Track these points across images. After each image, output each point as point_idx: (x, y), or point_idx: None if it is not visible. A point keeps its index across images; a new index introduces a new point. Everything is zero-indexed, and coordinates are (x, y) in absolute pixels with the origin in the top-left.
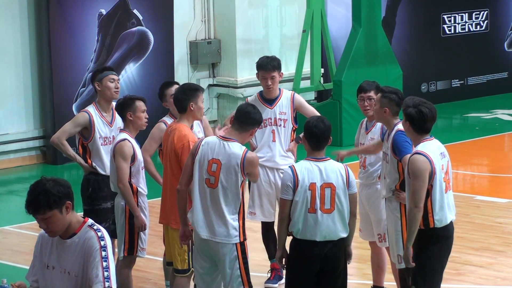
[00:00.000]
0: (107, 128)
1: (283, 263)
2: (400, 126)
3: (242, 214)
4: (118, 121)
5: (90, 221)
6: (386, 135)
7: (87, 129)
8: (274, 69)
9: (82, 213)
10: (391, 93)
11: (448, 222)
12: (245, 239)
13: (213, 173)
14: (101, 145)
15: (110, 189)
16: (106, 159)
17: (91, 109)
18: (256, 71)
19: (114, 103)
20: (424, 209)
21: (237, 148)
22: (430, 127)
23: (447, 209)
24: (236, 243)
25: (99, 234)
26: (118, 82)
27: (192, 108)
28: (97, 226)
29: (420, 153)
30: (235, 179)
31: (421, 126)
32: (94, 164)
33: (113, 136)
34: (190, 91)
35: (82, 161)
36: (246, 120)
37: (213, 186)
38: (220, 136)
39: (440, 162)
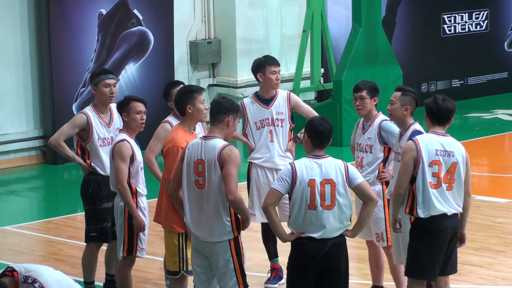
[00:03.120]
0: (105, 129)
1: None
2: (417, 126)
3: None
4: (116, 122)
5: (21, 276)
6: (398, 136)
7: (85, 131)
8: (279, 64)
9: (84, 213)
10: (412, 92)
11: (435, 214)
12: (238, 233)
13: (200, 173)
14: (100, 146)
15: (110, 189)
16: (106, 159)
17: (89, 110)
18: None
19: (112, 105)
20: (409, 195)
21: (216, 143)
22: (444, 117)
23: (436, 203)
24: (229, 239)
25: (36, 285)
26: (114, 87)
27: (190, 110)
28: (32, 278)
29: (413, 139)
30: (217, 175)
31: (435, 114)
32: (93, 164)
33: (112, 137)
34: (186, 94)
35: (82, 161)
36: (218, 110)
37: (202, 186)
38: (202, 136)
39: (434, 157)
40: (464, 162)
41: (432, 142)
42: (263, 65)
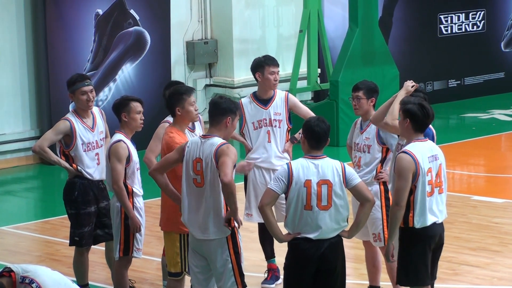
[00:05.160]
0: (90, 134)
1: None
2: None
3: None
4: (100, 125)
5: (18, 276)
6: None
7: (69, 136)
8: (279, 65)
9: (67, 216)
10: (420, 91)
11: (428, 224)
12: (234, 227)
13: (198, 172)
14: (84, 151)
15: (95, 193)
16: (90, 164)
17: (71, 116)
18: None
19: (94, 108)
20: (406, 208)
21: (213, 142)
22: (428, 124)
23: (429, 212)
24: (226, 238)
25: (34, 286)
26: (91, 93)
27: (179, 112)
28: (29, 278)
29: (406, 152)
30: (214, 172)
31: (422, 122)
32: (79, 167)
33: (96, 141)
34: (175, 96)
35: (67, 165)
36: (216, 111)
37: (200, 185)
38: (201, 135)
39: (428, 165)
40: (444, 162)
41: (423, 151)
42: (262, 65)
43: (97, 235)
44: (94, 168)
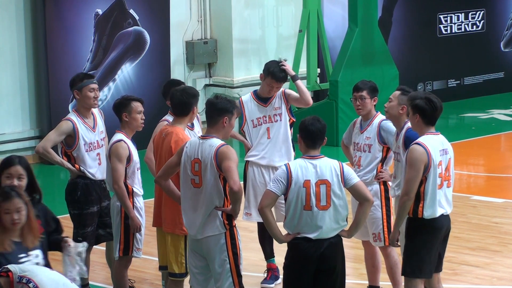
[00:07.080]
0: (91, 134)
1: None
2: (409, 124)
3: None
4: (100, 125)
5: (15, 276)
6: (395, 135)
7: (71, 137)
8: (284, 81)
9: (69, 215)
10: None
11: (437, 215)
12: (232, 225)
13: (196, 172)
14: (86, 151)
15: (98, 192)
16: (92, 164)
17: (73, 116)
18: (260, 71)
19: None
20: (416, 198)
21: (212, 143)
22: (438, 118)
23: (438, 204)
24: (224, 232)
25: (31, 285)
26: (97, 91)
27: (193, 112)
28: (26, 278)
29: (420, 144)
30: (213, 174)
31: (431, 116)
32: (82, 168)
33: (97, 141)
34: (195, 97)
35: (70, 166)
36: (212, 111)
37: (198, 185)
38: (200, 136)
39: (439, 158)
40: (453, 156)
41: (435, 144)
42: (269, 75)
43: (98, 235)
44: (96, 168)
